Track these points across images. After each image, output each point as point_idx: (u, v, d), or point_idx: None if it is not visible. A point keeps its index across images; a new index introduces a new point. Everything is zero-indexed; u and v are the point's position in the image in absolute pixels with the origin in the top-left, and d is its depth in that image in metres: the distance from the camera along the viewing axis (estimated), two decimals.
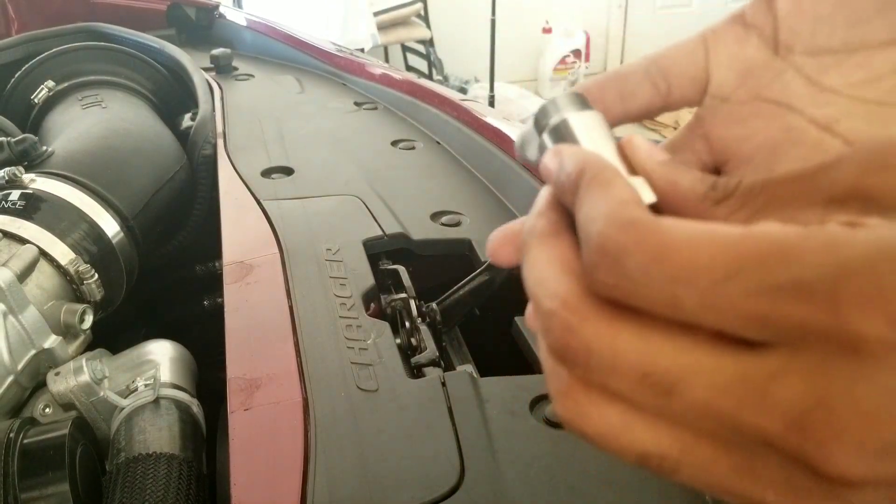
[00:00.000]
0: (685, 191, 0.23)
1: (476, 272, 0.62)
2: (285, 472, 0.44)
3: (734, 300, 0.18)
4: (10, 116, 1.04)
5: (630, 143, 0.26)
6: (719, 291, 0.18)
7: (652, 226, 0.20)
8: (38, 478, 0.53)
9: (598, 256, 0.20)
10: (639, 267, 0.19)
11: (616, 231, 0.20)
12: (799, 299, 0.18)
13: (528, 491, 0.43)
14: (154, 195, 0.91)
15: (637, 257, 0.19)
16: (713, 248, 0.19)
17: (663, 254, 0.19)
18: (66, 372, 0.63)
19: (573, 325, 0.21)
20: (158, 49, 1.31)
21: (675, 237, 0.19)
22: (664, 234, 0.19)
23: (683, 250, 0.19)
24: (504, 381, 0.52)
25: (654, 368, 0.20)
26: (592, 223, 0.21)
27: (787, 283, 0.18)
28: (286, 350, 0.55)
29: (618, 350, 0.20)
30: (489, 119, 0.91)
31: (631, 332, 0.20)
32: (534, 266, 0.23)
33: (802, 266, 0.18)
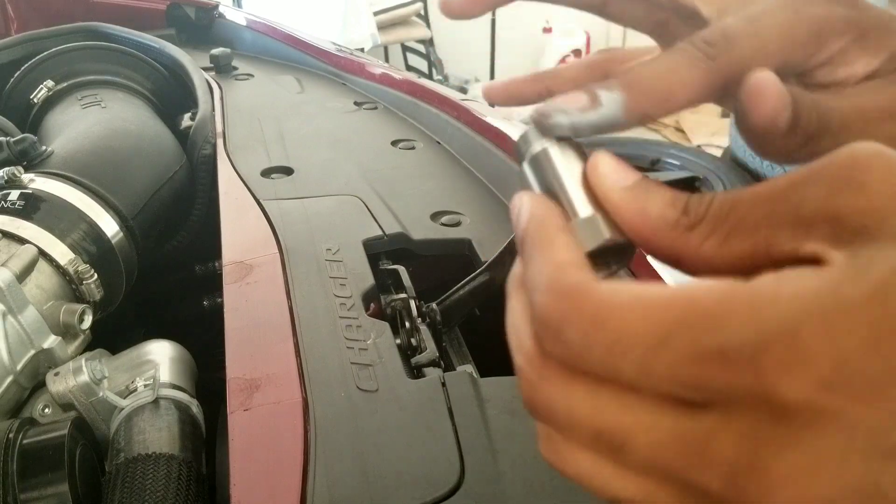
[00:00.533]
0: (655, 220, 0.23)
1: (476, 272, 0.62)
2: (285, 473, 0.44)
3: (665, 368, 0.19)
4: (9, 116, 1.04)
5: (595, 170, 0.25)
6: (652, 360, 0.19)
7: (586, 294, 0.21)
8: (38, 478, 0.53)
9: (542, 328, 0.22)
10: (577, 338, 0.21)
11: (554, 301, 0.21)
12: (724, 366, 0.18)
13: (528, 491, 0.43)
14: (153, 195, 0.91)
15: (575, 328, 0.21)
16: (643, 316, 0.20)
17: (598, 324, 0.20)
18: (66, 372, 0.63)
19: (535, 384, 0.23)
20: (158, 49, 1.31)
21: (610, 304, 0.20)
22: (599, 302, 0.20)
23: (617, 319, 0.20)
24: (504, 381, 0.52)
25: (604, 427, 0.21)
26: (534, 291, 0.22)
27: (712, 350, 0.18)
28: (286, 350, 0.55)
29: (573, 409, 0.21)
30: (489, 119, 0.91)
31: (583, 391, 0.21)
32: (510, 314, 0.25)
33: (725, 331, 0.18)
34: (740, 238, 0.21)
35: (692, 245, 0.22)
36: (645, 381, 0.20)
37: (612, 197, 0.24)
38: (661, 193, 0.24)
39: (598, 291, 0.21)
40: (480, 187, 0.84)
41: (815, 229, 0.20)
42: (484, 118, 0.91)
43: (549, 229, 0.24)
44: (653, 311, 0.19)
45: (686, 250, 0.22)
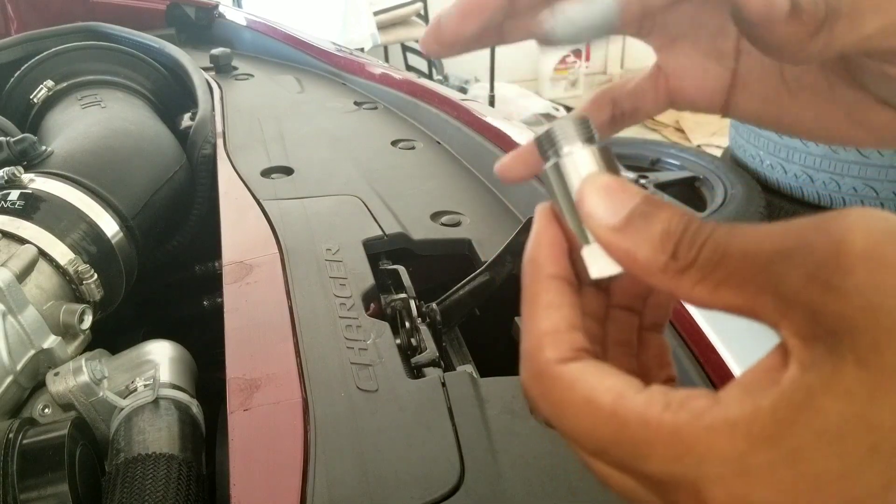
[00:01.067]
0: (644, 263, 0.23)
1: (476, 272, 0.62)
2: (285, 473, 0.44)
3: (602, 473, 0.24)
4: (9, 116, 1.04)
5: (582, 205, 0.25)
6: (593, 461, 0.24)
7: (554, 380, 0.24)
8: (38, 478, 0.53)
9: (525, 397, 0.25)
10: (547, 416, 0.24)
11: (530, 380, 0.25)
12: (648, 488, 0.22)
13: (528, 491, 0.43)
14: (153, 195, 0.91)
15: (544, 408, 0.24)
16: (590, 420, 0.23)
17: (558, 414, 0.24)
18: (66, 372, 0.63)
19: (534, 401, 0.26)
20: (158, 49, 1.31)
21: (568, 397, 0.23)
22: (561, 391, 0.23)
23: (571, 416, 0.23)
24: (504, 381, 0.52)
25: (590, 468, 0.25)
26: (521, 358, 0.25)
27: (638, 472, 0.22)
28: (286, 350, 0.54)
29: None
30: (489, 119, 0.91)
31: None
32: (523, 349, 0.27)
33: (648, 463, 0.21)
34: (729, 291, 0.22)
35: (684, 288, 0.23)
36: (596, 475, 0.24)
37: (600, 236, 0.24)
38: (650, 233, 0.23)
39: (563, 379, 0.23)
40: (480, 187, 0.84)
41: (792, 313, 0.20)
42: (484, 118, 0.91)
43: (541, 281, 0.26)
44: (596, 421, 0.22)
45: (678, 291, 0.23)
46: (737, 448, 0.20)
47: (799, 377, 0.19)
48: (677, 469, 0.21)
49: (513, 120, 1.01)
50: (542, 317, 0.25)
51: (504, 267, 0.62)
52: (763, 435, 0.19)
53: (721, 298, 0.22)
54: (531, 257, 0.26)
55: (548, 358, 0.24)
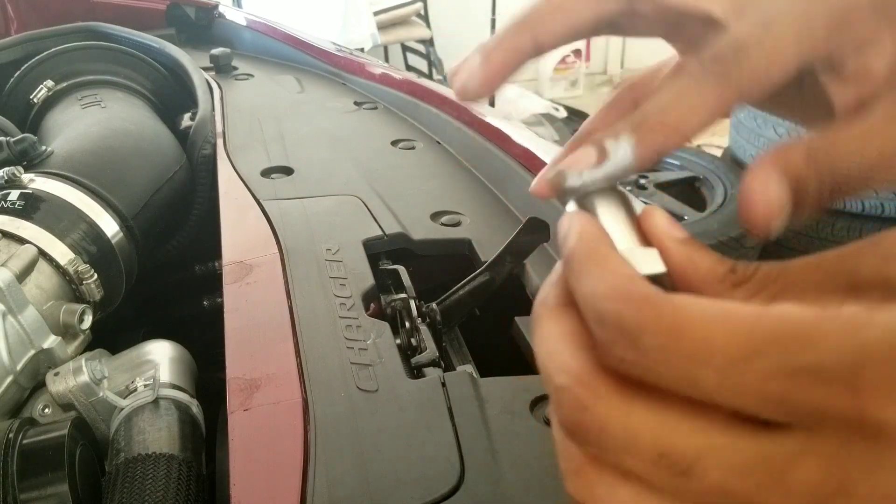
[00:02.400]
0: (704, 271, 0.23)
1: (476, 272, 0.62)
2: (285, 473, 0.44)
3: (752, 382, 0.18)
4: (9, 116, 1.04)
5: (650, 215, 0.25)
6: (737, 372, 0.18)
7: (667, 303, 0.20)
8: (38, 478, 0.53)
9: (615, 334, 0.20)
10: (656, 345, 0.19)
11: (632, 308, 0.20)
12: (817, 383, 0.18)
13: (528, 491, 0.43)
14: (153, 195, 0.91)
15: (654, 336, 0.19)
16: (730, 328, 0.19)
17: (680, 332, 0.19)
18: (66, 372, 0.63)
19: (586, 402, 0.21)
20: (158, 49, 1.31)
21: (691, 315, 0.19)
22: (680, 311, 0.19)
23: (700, 329, 0.19)
24: (504, 381, 0.52)
25: (670, 448, 0.19)
26: (603, 300, 0.21)
27: (806, 366, 0.18)
28: (286, 350, 0.54)
29: (632, 429, 0.20)
30: (489, 119, 0.91)
31: (646, 410, 0.20)
32: (545, 339, 0.23)
33: (821, 349, 0.18)
34: (787, 300, 0.20)
35: (736, 299, 0.22)
36: (725, 396, 0.19)
37: (664, 242, 0.24)
38: (710, 251, 0.23)
39: (680, 301, 0.20)
40: (480, 187, 0.84)
41: (867, 295, 0.20)
42: (484, 118, 0.91)
43: (604, 247, 0.23)
44: (741, 325, 0.19)
45: None
46: None
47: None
48: (867, 340, 0.17)
49: (513, 120, 1.01)
50: (622, 265, 0.22)
51: (504, 267, 0.62)
52: None
53: None
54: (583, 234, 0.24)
55: (649, 288, 0.20)
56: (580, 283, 0.22)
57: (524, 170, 0.79)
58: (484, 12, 3.81)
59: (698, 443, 0.19)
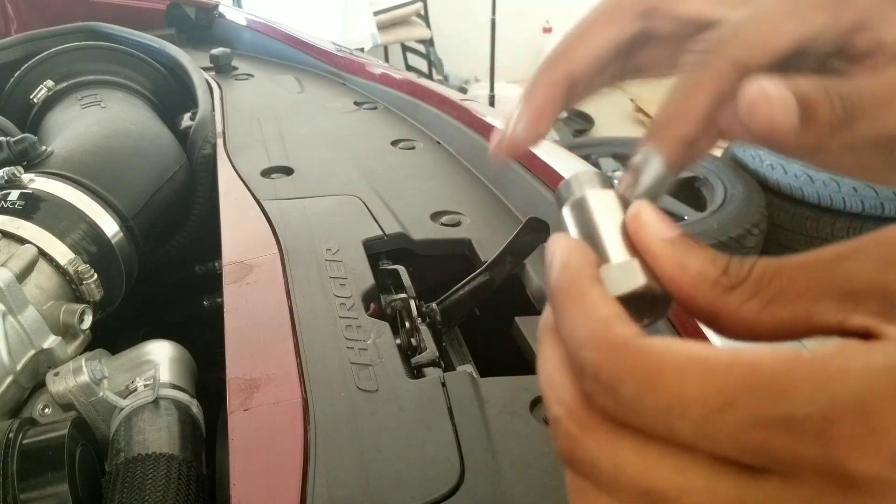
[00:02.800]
0: (695, 275, 0.23)
1: (476, 272, 0.62)
2: (285, 473, 0.44)
3: (727, 431, 0.19)
4: (9, 116, 1.04)
5: (636, 218, 0.25)
6: (712, 422, 0.19)
7: (640, 350, 0.20)
8: (38, 478, 0.53)
9: (593, 384, 0.21)
10: (632, 396, 0.20)
11: (605, 357, 0.21)
12: (790, 434, 0.18)
13: (528, 491, 0.43)
14: (153, 195, 0.91)
15: (630, 386, 0.20)
16: (704, 378, 0.19)
17: (655, 383, 0.20)
18: (66, 372, 0.63)
19: (577, 437, 0.21)
20: (158, 49, 1.31)
21: (665, 363, 0.20)
22: (655, 359, 0.20)
23: (675, 379, 0.19)
24: (504, 381, 0.52)
25: (653, 486, 0.20)
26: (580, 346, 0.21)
27: (778, 418, 0.18)
28: (286, 350, 0.54)
29: (618, 465, 0.20)
30: (489, 119, 0.91)
31: (631, 447, 0.20)
32: (544, 364, 0.24)
33: (792, 401, 0.18)
34: (781, 306, 0.21)
35: (731, 306, 0.22)
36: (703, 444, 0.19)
37: (651, 246, 0.24)
38: (702, 251, 0.23)
39: (653, 347, 0.20)
40: (480, 187, 0.84)
41: (864, 304, 0.20)
42: (484, 118, 0.91)
43: (584, 280, 0.23)
44: (714, 374, 0.19)
45: (724, 310, 0.22)
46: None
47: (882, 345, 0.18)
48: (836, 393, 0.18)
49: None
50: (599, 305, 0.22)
51: (504, 267, 0.62)
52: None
53: (771, 315, 0.21)
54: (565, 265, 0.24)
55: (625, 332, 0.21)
56: (562, 324, 0.23)
57: (524, 170, 0.79)
58: (484, 12, 3.81)
59: (679, 483, 0.20)
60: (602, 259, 0.25)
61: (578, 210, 0.27)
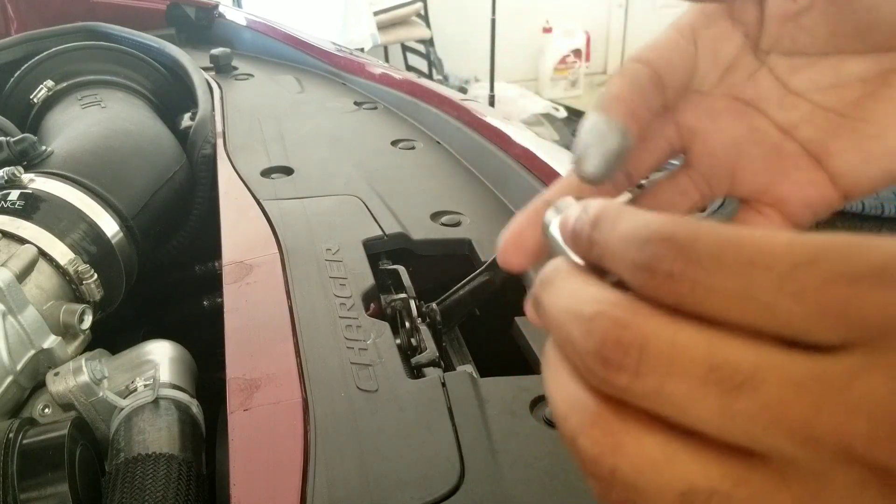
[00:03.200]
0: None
1: (476, 272, 0.62)
2: (285, 473, 0.44)
3: (815, 287, 0.17)
4: (9, 116, 1.04)
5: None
6: (799, 276, 0.17)
7: (709, 229, 0.18)
8: (38, 478, 0.53)
9: (663, 246, 0.18)
10: (711, 250, 0.18)
11: (681, 223, 0.18)
12: (883, 288, 0.16)
13: (528, 491, 0.43)
14: (153, 195, 0.91)
15: (710, 240, 0.18)
16: (789, 237, 0.17)
17: (738, 237, 0.17)
18: (66, 372, 0.63)
19: (627, 320, 0.19)
20: (158, 48, 1.31)
21: (743, 231, 0.18)
22: (731, 228, 0.18)
23: (758, 238, 0.17)
24: (504, 381, 0.52)
25: (723, 361, 0.17)
26: (647, 225, 0.19)
27: (870, 270, 0.16)
28: (286, 350, 0.54)
29: (681, 344, 0.18)
30: (489, 119, 0.91)
31: (695, 327, 0.18)
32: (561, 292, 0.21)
33: (886, 255, 0.16)
34: None
35: None
36: (784, 307, 0.17)
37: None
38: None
39: (719, 228, 0.18)
40: (480, 187, 0.84)
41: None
42: (484, 118, 0.91)
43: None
44: (791, 238, 0.17)
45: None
46: None
47: None
48: None
49: (513, 120, 1.01)
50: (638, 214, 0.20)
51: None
52: None
53: None
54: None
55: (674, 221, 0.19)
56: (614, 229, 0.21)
57: (524, 170, 0.79)
58: (484, 12, 3.81)
59: (754, 357, 0.17)
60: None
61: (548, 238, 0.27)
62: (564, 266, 0.22)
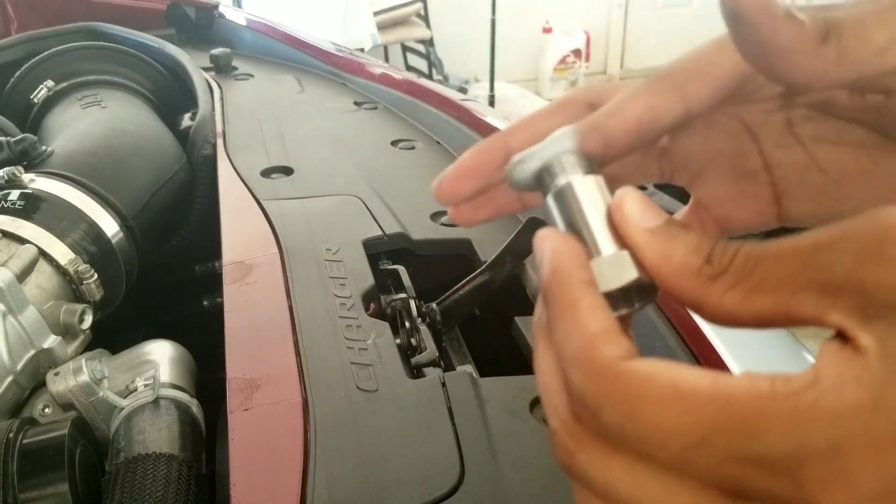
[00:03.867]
0: (678, 266, 0.23)
1: (476, 272, 0.62)
2: (285, 472, 0.44)
3: (704, 465, 0.19)
4: (9, 116, 1.04)
5: (619, 208, 0.25)
6: (689, 455, 0.20)
7: (621, 377, 0.21)
8: (38, 478, 0.53)
9: (579, 406, 0.22)
10: (614, 422, 0.21)
11: (589, 381, 0.21)
12: (764, 472, 0.19)
13: (528, 491, 0.43)
14: (153, 195, 0.91)
15: (611, 413, 0.21)
16: (680, 411, 0.20)
17: (634, 413, 0.20)
18: (66, 372, 0.63)
19: (571, 451, 0.22)
20: (158, 49, 1.31)
21: (644, 393, 0.20)
22: (634, 386, 0.20)
23: (653, 412, 0.20)
24: (504, 381, 0.52)
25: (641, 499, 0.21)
26: (567, 365, 0.22)
27: (752, 456, 0.19)
28: (286, 350, 0.55)
29: (609, 483, 0.21)
30: (489, 119, 0.91)
31: (622, 466, 0.21)
32: (540, 369, 0.25)
33: (765, 441, 0.18)
34: (763, 296, 0.21)
35: (714, 296, 0.22)
36: (684, 474, 0.20)
37: (635, 237, 0.24)
38: (686, 238, 0.23)
39: (635, 373, 0.20)
40: None
41: (841, 299, 0.20)
42: (484, 118, 0.91)
43: (574, 286, 0.23)
44: (691, 407, 0.19)
45: (707, 300, 0.22)
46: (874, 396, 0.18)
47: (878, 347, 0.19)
48: (808, 436, 0.18)
49: (513, 120, 1.01)
50: (587, 318, 0.22)
51: (504, 267, 0.62)
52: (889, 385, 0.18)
53: (752, 304, 0.21)
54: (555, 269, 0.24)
55: (609, 355, 0.21)
56: (554, 331, 0.23)
57: None
58: (484, 12, 3.81)
59: (667, 502, 0.21)
60: (592, 251, 0.25)
61: (563, 199, 0.26)
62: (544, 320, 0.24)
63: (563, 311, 0.23)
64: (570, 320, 0.22)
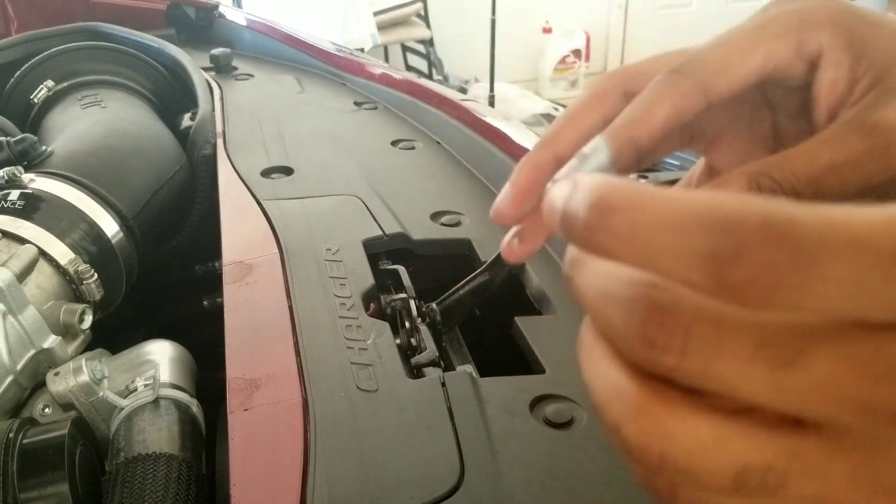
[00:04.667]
0: None
1: (476, 272, 0.62)
2: (285, 472, 0.44)
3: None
4: (9, 116, 1.04)
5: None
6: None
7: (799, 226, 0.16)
8: (38, 478, 0.53)
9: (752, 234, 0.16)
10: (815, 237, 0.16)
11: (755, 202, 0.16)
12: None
13: (528, 491, 0.43)
14: (154, 195, 0.91)
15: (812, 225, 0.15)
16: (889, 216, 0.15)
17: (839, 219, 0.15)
18: (66, 372, 0.63)
19: (667, 302, 0.17)
20: (158, 49, 1.31)
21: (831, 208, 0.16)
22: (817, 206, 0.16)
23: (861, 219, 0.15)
24: (504, 381, 0.52)
25: (770, 341, 0.16)
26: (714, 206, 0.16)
27: None
28: (286, 350, 0.55)
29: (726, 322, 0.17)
30: (489, 119, 0.91)
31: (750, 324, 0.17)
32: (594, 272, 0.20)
33: None
34: None
35: None
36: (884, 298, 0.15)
37: None
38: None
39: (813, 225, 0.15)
40: (480, 187, 0.84)
41: None
42: (484, 118, 0.91)
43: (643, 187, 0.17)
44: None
45: None
46: None
47: None
48: None
49: (513, 120, 1.01)
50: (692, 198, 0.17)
51: (504, 267, 0.62)
52: None
53: None
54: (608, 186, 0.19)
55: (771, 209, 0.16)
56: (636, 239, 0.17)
57: None
58: (484, 12, 3.81)
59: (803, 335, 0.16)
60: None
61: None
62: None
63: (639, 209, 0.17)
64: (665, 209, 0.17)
